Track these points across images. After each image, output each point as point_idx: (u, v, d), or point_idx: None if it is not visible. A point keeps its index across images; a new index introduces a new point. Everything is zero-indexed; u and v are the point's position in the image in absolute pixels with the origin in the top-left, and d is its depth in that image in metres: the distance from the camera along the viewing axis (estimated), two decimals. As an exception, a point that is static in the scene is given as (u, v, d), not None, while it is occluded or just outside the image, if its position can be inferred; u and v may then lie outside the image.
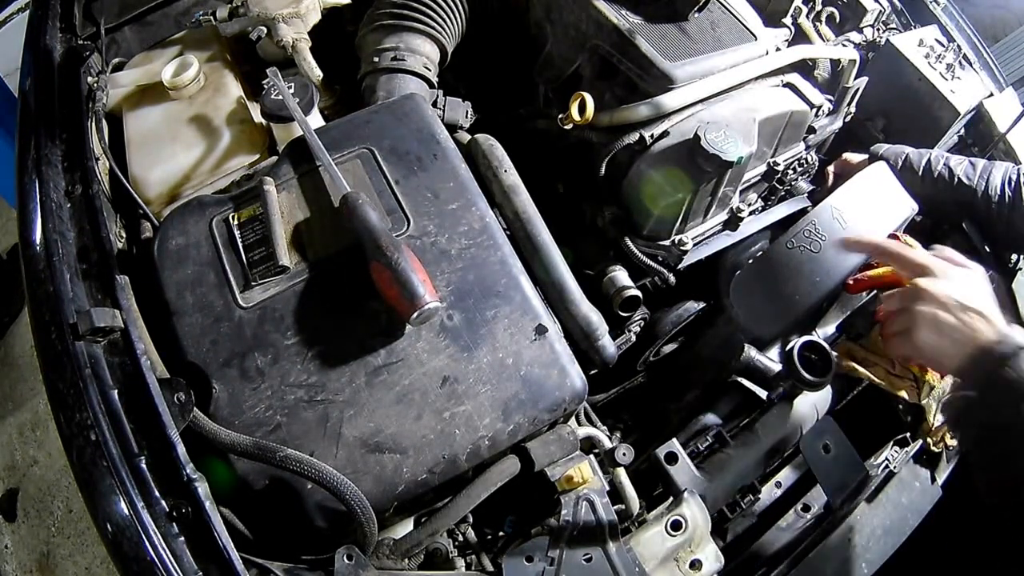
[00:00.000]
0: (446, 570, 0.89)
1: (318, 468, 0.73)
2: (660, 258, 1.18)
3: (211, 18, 1.29)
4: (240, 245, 0.90)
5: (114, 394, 0.76)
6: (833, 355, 1.04)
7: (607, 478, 0.92)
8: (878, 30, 1.62)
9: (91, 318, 0.77)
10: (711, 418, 1.18)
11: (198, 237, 0.91)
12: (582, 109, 1.11)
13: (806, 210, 1.25)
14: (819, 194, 1.35)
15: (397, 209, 0.94)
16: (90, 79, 1.17)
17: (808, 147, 1.34)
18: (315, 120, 1.11)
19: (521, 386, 0.85)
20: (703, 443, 1.10)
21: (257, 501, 0.78)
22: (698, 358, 1.32)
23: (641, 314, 1.20)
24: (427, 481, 0.81)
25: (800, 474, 1.09)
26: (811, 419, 1.11)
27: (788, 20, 1.47)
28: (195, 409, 0.76)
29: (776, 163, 1.27)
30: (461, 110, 1.23)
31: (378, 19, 1.22)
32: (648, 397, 1.38)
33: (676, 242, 1.15)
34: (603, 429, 1.11)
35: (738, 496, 1.05)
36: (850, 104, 1.39)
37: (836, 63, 1.42)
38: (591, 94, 1.11)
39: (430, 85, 1.22)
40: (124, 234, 1.05)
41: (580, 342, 1.01)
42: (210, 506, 0.70)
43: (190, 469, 0.72)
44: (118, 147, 1.15)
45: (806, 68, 1.39)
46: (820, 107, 1.28)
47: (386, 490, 0.79)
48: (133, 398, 0.76)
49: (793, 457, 1.11)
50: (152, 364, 0.79)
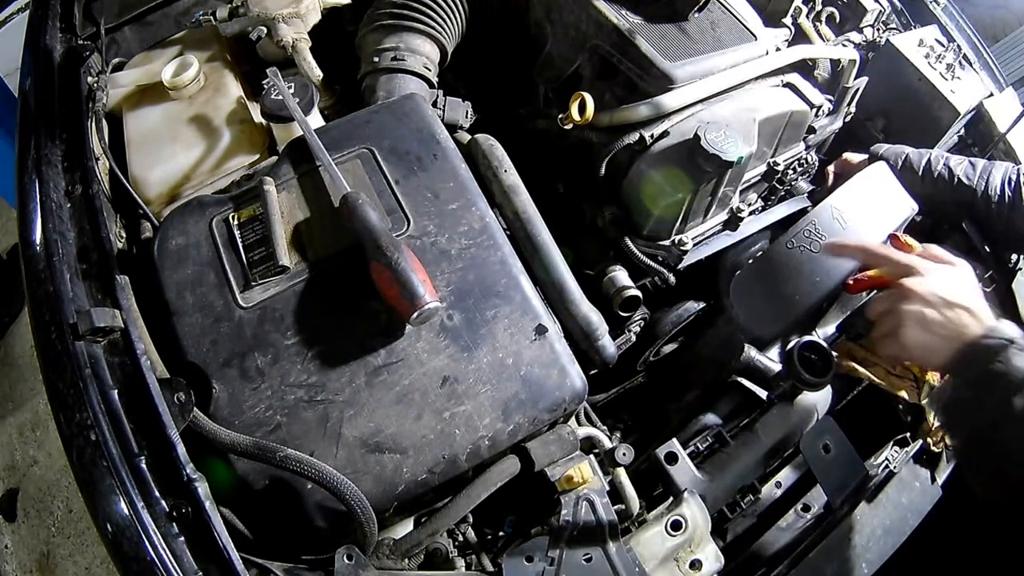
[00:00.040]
0: (446, 570, 0.89)
1: (318, 468, 0.73)
2: (660, 258, 1.18)
3: (211, 18, 1.29)
4: (240, 245, 0.90)
5: (114, 394, 0.76)
6: (833, 355, 1.04)
7: (607, 478, 0.92)
8: (878, 30, 1.62)
9: (91, 318, 0.77)
10: (711, 418, 1.18)
11: (198, 237, 0.91)
12: (582, 109, 1.11)
13: (806, 210, 1.25)
14: (819, 194, 1.35)
15: (397, 209, 0.94)
16: (90, 79, 1.17)
17: (808, 147, 1.34)
18: (315, 120, 1.11)
19: (521, 386, 0.85)
20: (703, 443, 1.10)
21: (257, 501, 0.78)
22: (698, 358, 1.32)
23: (641, 314, 1.20)
24: (427, 481, 0.81)
25: (800, 474, 1.09)
26: (811, 419, 1.11)
27: (788, 20, 1.47)
28: (195, 409, 0.76)
29: (776, 163, 1.27)
30: (461, 110, 1.23)
31: (378, 19, 1.22)
32: (648, 397, 1.38)
33: (676, 242, 1.15)
34: (603, 429, 1.11)
35: (738, 496, 1.04)
36: (850, 104, 1.39)
37: (836, 63, 1.42)
38: (591, 94, 1.11)
39: (430, 85, 1.22)
40: (124, 234, 1.05)
41: (580, 342, 1.01)
42: (210, 506, 0.70)
43: (190, 469, 0.72)
44: (118, 147, 1.15)
45: (806, 68, 1.39)
46: (820, 107, 1.28)
47: (386, 490, 0.79)
48: (133, 398, 0.76)
49: (793, 457, 1.11)
50: (152, 364, 0.79)
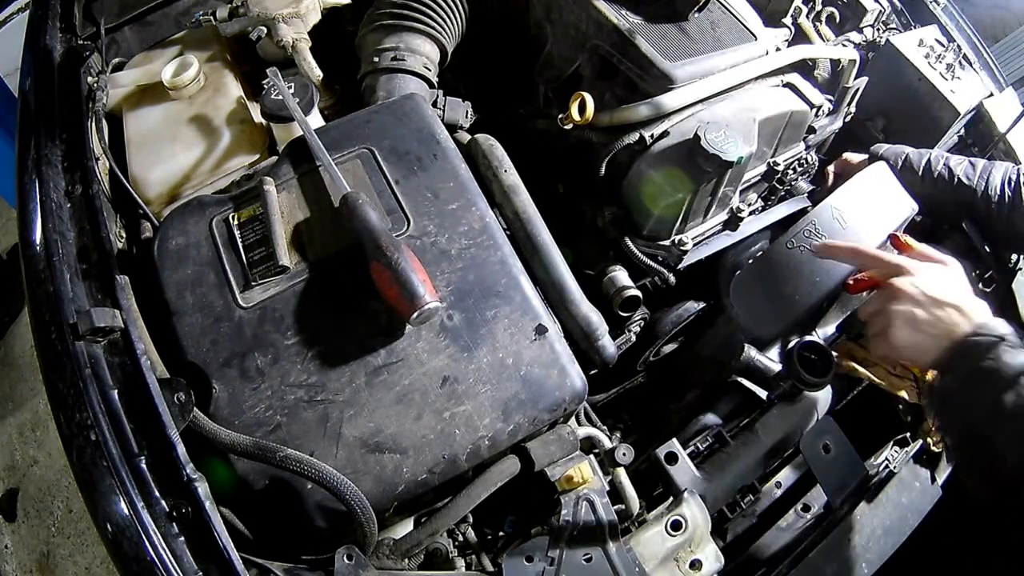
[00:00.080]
0: (446, 570, 0.89)
1: (318, 468, 0.73)
2: (660, 258, 1.18)
3: (211, 18, 1.29)
4: (240, 245, 0.90)
5: (114, 394, 0.76)
6: (833, 355, 1.04)
7: (607, 478, 0.92)
8: (878, 30, 1.62)
9: (91, 318, 0.77)
10: (711, 418, 1.18)
11: (198, 237, 0.91)
12: (582, 109, 1.11)
13: (806, 210, 1.25)
14: (819, 194, 1.35)
15: (397, 209, 0.94)
16: (90, 79, 1.17)
17: (808, 147, 1.34)
18: (315, 120, 1.11)
19: (521, 386, 0.85)
20: (703, 443, 1.10)
21: (257, 501, 0.78)
22: (698, 358, 1.32)
23: (641, 314, 1.20)
24: (427, 481, 0.81)
25: (800, 474, 1.09)
26: (811, 419, 1.11)
27: (788, 20, 1.47)
28: (195, 409, 0.76)
29: (776, 163, 1.27)
30: (461, 110, 1.23)
31: (378, 19, 1.22)
32: (648, 397, 1.38)
33: (676, 242, 1.15)
34: (603, 429, 1.11)
35: (738, 496, 1.05)
36: (850, 104, 1.39)
37: (836, 63, 1.42)
38: (591, 94, 1.11)
39: (430, 85, 1.22)
40: (124, 234, 1.05)
41: (580, 342, 1.01)
42: (210, 506, 0.70)
43: (190, 469, 0.72)
44: (118, 147, 1.15)
45: (806, 68, 1.39)
46: (820, 107, 1.28)
47: (386, 490, 0.79)
48: (133, 398, 0.76)
49: (793, 457, 1.11)
50: (152, 364, 0.79)
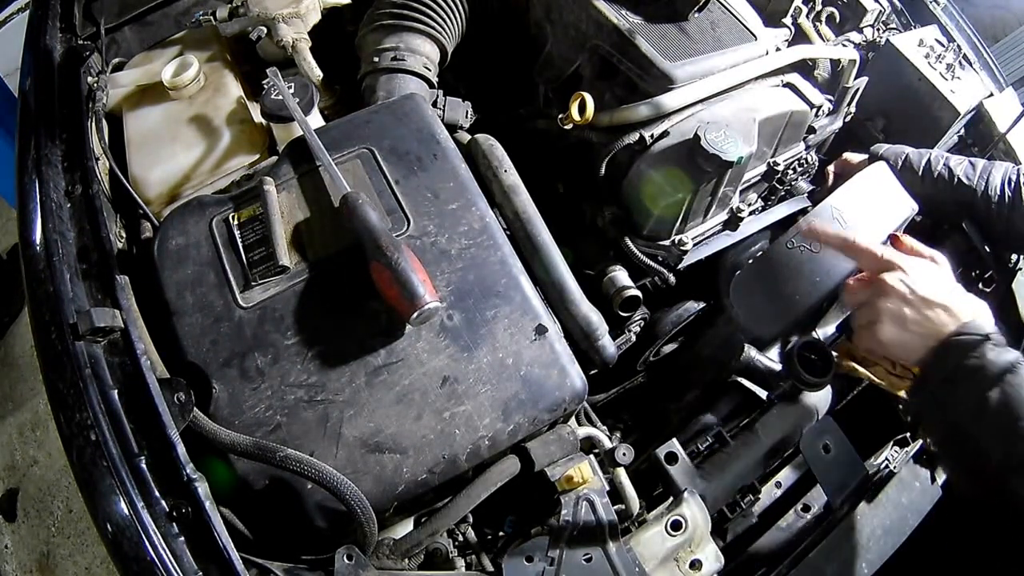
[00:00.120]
0: (446, 570, 0.89)
1: (318, 468, 0.73)
2: (660, 258, 1.18)
3: (211, 18, 1.29)
4: (240, 245, 0.90)
5: (114, 394, 0.76)
6: (833, 355, 1.04)
7: (607, 478, 0.92)
8: (878, 30, 1.62)
9: (91, 318, 0.77)
10: (711, 418, 1.18)
11: (198, 237, 0.91)
12: (582, 109, 1.11)
13: (806, 210, 1.25)
14: (819, 194, 1.35)
15: (397, 209, 0.94)
16: (90, 79, 1.17)
17: (808, 147, 1.34)
18: (315, 120, 1.11)
19: (521, 386, 0.85)
20: (703, 443, 1.10)
21: (257, 501, 0.78)
22: (698, 358, 1.32)
23: (641, 314, 1.20)
24: (427, 481, 0.81)
25: (800, 474, 1.09)
26: (811, 419, 1.11)
27: (788, 20, 1.47)
28: (195, 409, 0.76)
29: (776, 163, 1.27)
30: (461, 110, 1.23)
31: (378, 19, 1.22)
32: (648, 397, 1.38)
33: (676, 242, 1.15)
34: (603, 429, 1.11)
35: (738, 496, 1.04)
36: (850, 104, 1.39)
37: (836, 63, 1.42)
38: (591, 94, 1.11)
39: (430, 85, 1.22)
40: (124, 234, 1.05)
41: (580, 342, 1.01)
42: (210, 506, 0.70)
43: (190, 469, 0.72)
44: (118, 147, 1.15)
45: (806, 68, 1.39)
46: (820, 107, 1.28)
47: (386, 490, 0.79)
48: (133, 398, 0.76)
49: (793, 457, 1.11)
50: (152, 364, 0.79)
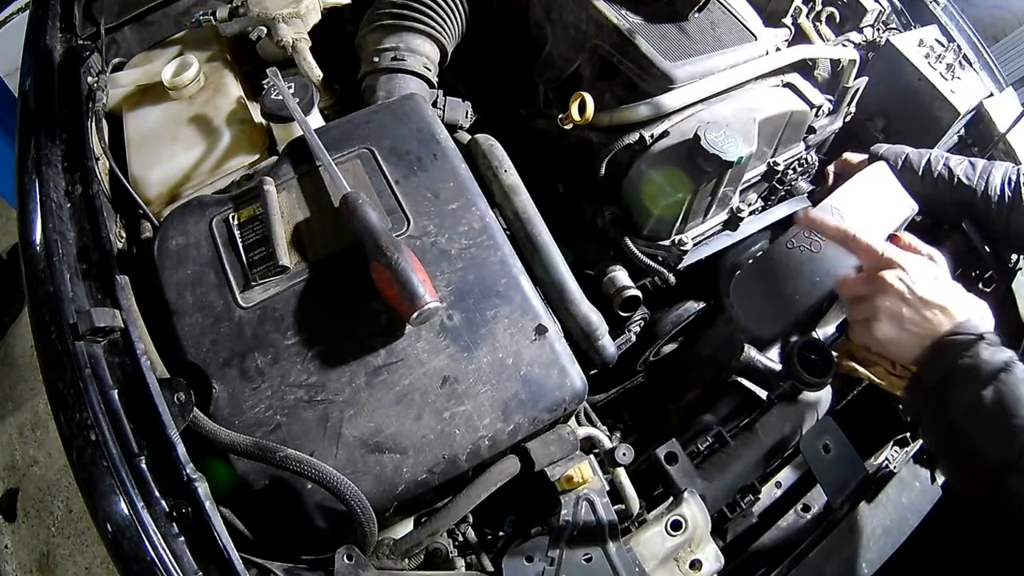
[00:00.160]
0: (446, 570, 0.89)
1: (318, 468, 0.73)
2: (660, 258, 1.18)
3: (211, 18, 1.29)
4: (240, 245, 0.90)
5: (114, 394, 0.76)
6: (833, 355, 1.04)
7: (607, 478, 0.92)
8: (878, 30, 1.62)
9: (91, 318, 0.77)
10: (711, 418, 1.18)
11: (198, 237, 0.91)
12: (582, 109, 1.11)
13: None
14: (819, 194, 1.35)
15: (397, 209, 0.94)
16: (90, 79, 1.17)
17: (808, 147, 1.34)
18: (315, 120, 1.11)
19: (521, 386, 0.85)
20: (703, 443, 1.10)
21: (257, 501, 0.78)
22: (698, 358, 1.32)
23: (641, 314, 1.20)
24: (427, 481, 0.81)
25: (800, 474, 1.09)
26: (811, 419, 1.11)
27: (788, 20, 1.47)
28: (195, 409, 0.76)
29: (776, 163, 1.27)
30: (461, 110, 1.23)
31: (378, 19, 1.22)
32: (648, 397, 1.38)
33: (676, 242, 1.15)
34: (603, 429, 1.11)
35: (738, 496, 1.04)
36: (850, 104, 1.39)
37: (836, 63, 1.42)
38: (591, 94, 1.11)
39: (430, 85, 1.22)
40: (124, 234, 1.05)
41: (580, 342, 1.01)
42: (210, 506, 0.70)
43: (190, 469, 0.72)
44: (118, 147, 1.15)
45: (806, 68, 1.39)
46: (820, 107, 1.28)
47: (386, 490, 0.79)
48: (133, 398, 0.76)
49: (793, 457, 1.11)
50: (152, 364, 0.79)
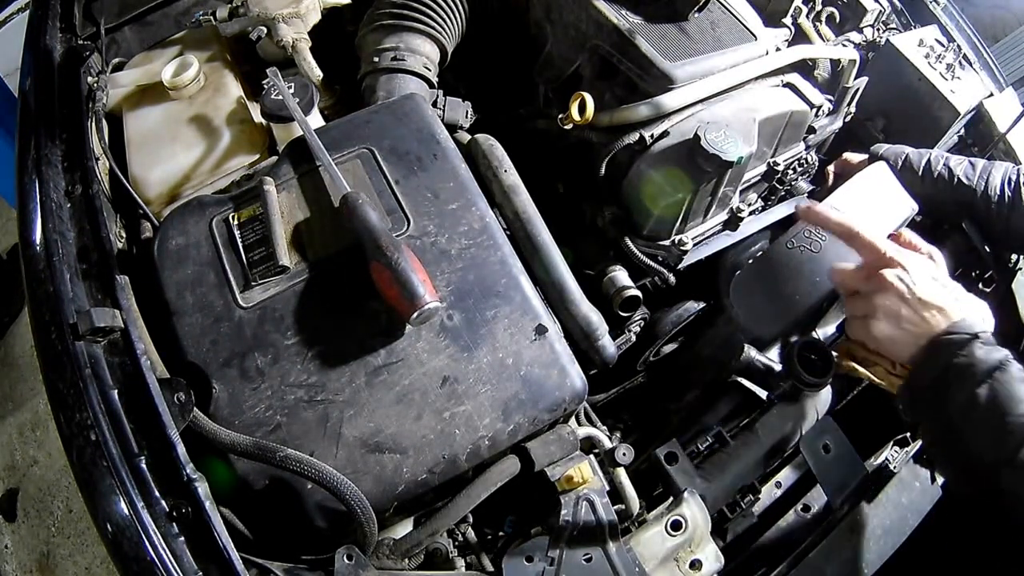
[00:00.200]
0: (446, 570, 0.89)
1: (318, 468, 0.73)
2: (660, 258, 1.18)
3: (211, 18, 1.29)
4: (240, 245, 0.90)
5: (114, 394, 0.76)
6: (833, 355, 1.04)
7: (607, 478, 0.92)
8: (878, 30, 1.62)
9: (91, 318, 0.77)
10: (711, 418, 1.18)
11: (198, 237, 0.91)
12: (582, 109, 1.11)
13: (806, 210, 1.25)
14: (819, 194, 1.35)
15: (397, 209, 0.94)
16: (90, 79, 1.17)
17: (808, 147, 1.34)
18: (315, 120, 1.11)
19: (521, 386, 0.85)
20: (703, 443, 1.10)
21: (257, 501, 0.78)
22: (698, 358, 1.32)
23: (641, 314, 1.20)
24: (427, 481, 0.81)
25: (800, 474, 1.09)
26: (811, 419, 1.11)
27: (788, 20, 1.47)
28: (195, 409, 0.76)
29: (776, 163, 1.27)
30: (461, 110, 1.23)
31: (378, 19, 1.22)
32: (648, 397, 1.38)
33: (676, 242, 1.15)
34: (603, 429, 1.11)
35: (738, 496, 1.05)
36: (850, 104, 1.39)
37: (836, 63, 1.42)
38: (591, 94, 1.11)
39: (430, 85, 1.22)
40: (124, 234, 1.05)
41: (580, 342, 1.01)
42: (210, 506, 0.70)
43: (190, 469, 0.72)
44: (118, 147, 1.15)
45: (806, 68, 1.39)
46: (820, 107, 1.28)
47: (386, 490, 0.79)
48: (133, 398, 0.76)
49: (793, 457, 1.11)
50: (152, 364, 0.79)
